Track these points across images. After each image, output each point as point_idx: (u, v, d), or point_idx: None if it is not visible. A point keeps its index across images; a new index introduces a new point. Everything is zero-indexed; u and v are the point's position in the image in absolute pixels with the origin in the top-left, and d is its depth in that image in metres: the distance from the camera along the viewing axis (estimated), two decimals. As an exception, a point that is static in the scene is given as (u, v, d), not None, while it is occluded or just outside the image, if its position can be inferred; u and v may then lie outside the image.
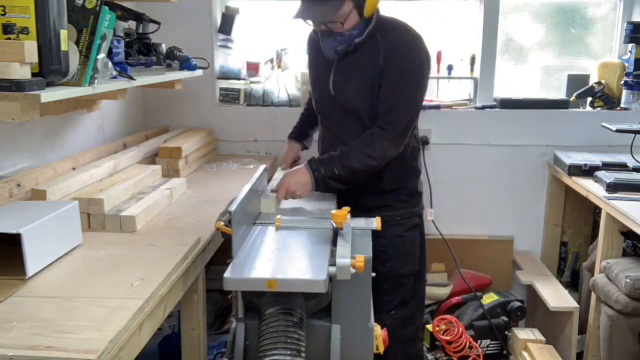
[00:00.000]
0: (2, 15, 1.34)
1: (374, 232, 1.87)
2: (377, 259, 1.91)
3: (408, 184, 2.10)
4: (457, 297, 2.88)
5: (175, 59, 2.41)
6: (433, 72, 2.91)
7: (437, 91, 3.16)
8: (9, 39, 1.34)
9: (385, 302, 2.02)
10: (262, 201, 1.86)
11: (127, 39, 2.07)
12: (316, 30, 1.96)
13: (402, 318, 2.07)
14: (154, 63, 2.21)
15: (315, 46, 2.06)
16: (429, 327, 2.72)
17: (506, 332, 2.73)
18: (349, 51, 1.93)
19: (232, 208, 1.47)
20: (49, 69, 1.40)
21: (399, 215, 2.06)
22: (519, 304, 2.75)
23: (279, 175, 2.14)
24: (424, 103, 2.19)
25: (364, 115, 1.95)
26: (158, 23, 2.32)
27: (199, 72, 2.55)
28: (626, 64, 2.91)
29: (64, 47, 1.44)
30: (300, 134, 2.35)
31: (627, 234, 2.26)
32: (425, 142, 2.93)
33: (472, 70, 3.09)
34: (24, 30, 1.35)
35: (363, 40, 1.90)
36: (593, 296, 2.40)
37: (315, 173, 1.88)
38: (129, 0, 2.30)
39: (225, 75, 3.11)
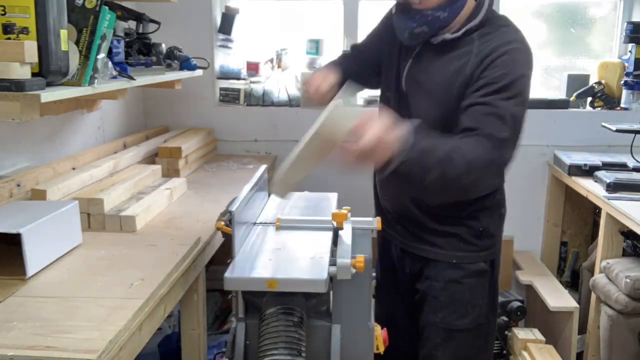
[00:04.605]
0: (2, 15, 1.34)
1: (424, 272, 1.67)
2: (428, 304, 1.67)
3: (474, 222, 1.61)
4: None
5: (175, 59, 2.41)
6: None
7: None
8: (9, 39, 1.34)
9: (432, 356, 1.68)
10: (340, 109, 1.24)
11: (127, 39, 2.07)
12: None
13: None
14: (154, 63, 2.21)
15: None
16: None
17: (506, 332, 2.73)
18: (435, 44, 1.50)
19: (233, 208, 1.47)
20: (49, 69, 1.40)
21: (456, 258, 1.62)
22: (518, 303, 2.75)
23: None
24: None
25: None
26: (158, 23, 2.32)
27: (199, 72, 2.55)
28: (626, 64, 2.91)
29: (64, 47, 1.44)
30: (341, 72, 1.73)
31: (627, 234, 2.26)
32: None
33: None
34: (24, 30, 1.35)
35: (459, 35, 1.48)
36: (593, 296, 2.40)
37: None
38: (129, 0, 2.30)
39: (225, 75, 3.11)
